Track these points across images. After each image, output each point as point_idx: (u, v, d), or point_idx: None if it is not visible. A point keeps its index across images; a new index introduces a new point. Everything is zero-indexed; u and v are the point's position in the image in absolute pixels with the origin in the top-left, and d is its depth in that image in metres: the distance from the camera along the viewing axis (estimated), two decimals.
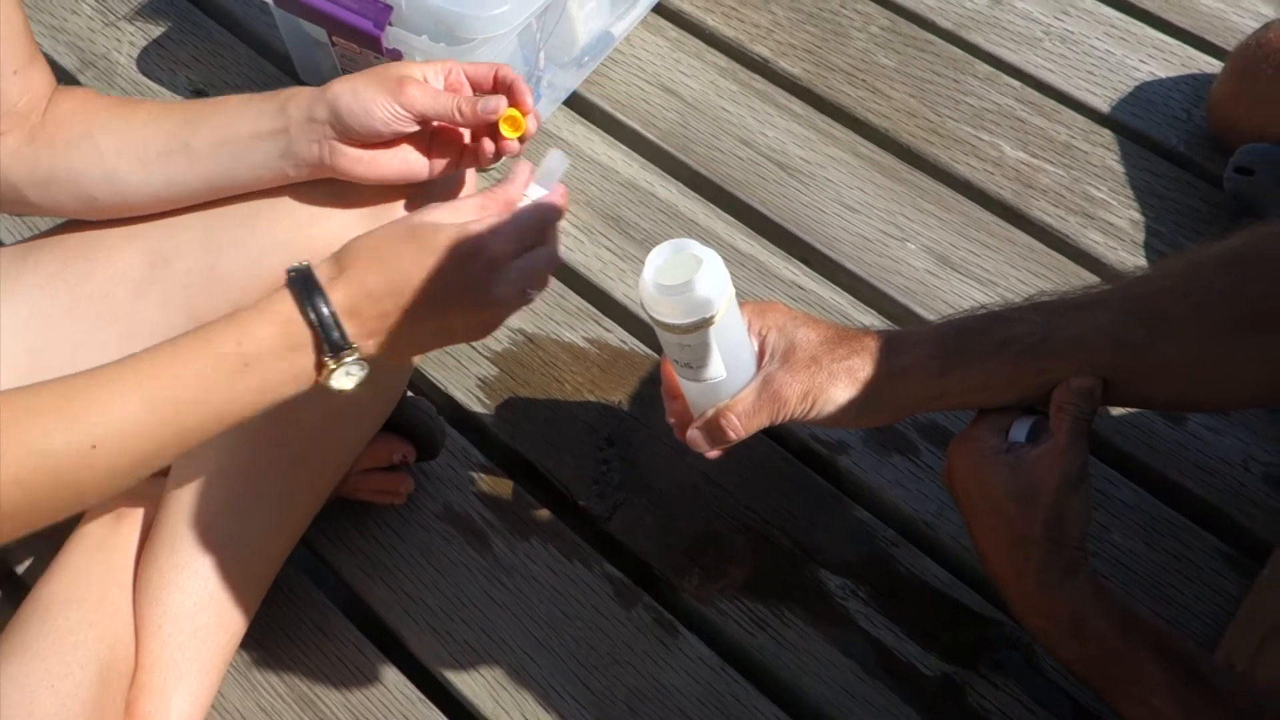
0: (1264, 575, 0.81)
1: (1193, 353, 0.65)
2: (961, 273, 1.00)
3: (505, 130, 0.71)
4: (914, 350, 0.67)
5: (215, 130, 0.71)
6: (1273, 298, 0.64)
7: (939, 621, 0.82)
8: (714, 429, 0.67)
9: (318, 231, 0.73)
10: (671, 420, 0.71)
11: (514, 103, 0.71)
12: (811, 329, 0.68)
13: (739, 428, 0.66)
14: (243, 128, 0.71)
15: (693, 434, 0.68)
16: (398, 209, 0.74)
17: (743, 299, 0.68)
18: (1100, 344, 0.65)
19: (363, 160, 0.70)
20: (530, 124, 0.72)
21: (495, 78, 0.72)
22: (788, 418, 0.67)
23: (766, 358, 0.67)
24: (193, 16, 1.20)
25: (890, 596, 0.83)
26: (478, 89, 0.73)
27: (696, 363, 0.62)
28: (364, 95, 0.68)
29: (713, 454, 0.69)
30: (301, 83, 1.12)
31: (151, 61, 1.15)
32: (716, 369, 0.63)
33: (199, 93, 1.13)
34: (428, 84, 0.70)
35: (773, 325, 0.68)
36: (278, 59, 1.15)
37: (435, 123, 0.72)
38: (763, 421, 0.67)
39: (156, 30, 1.18)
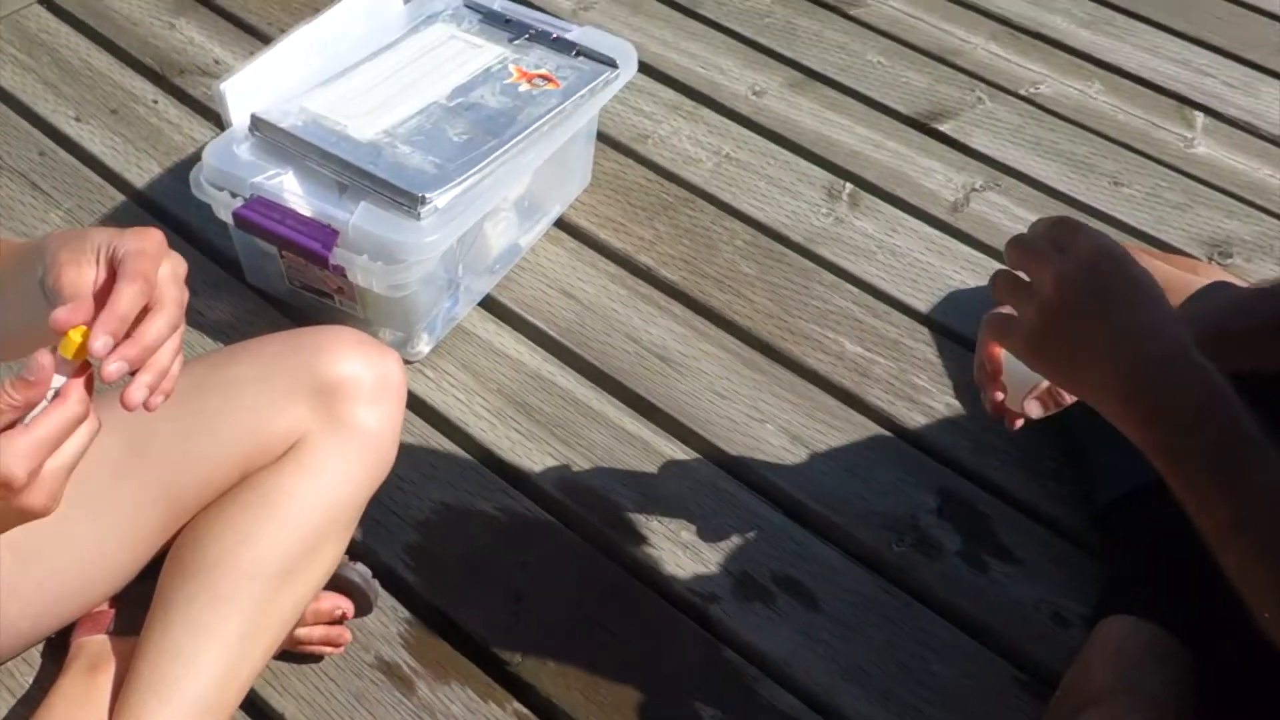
0: (1056, 696, 1.00)
1: None
2: (810, 449, 1.20)
3: (61, 348, 0.60)
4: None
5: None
6: None
7: None
8: (1053, 396, 0.80)
9: (281, 420, 0.89)
10: (994, 398, 0.82)
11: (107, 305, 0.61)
12: None
13: (1066, 399, 0.80)
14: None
15: (1029, 404, 0.80)
16: None
17: (633, 475, 0.86)
18: None
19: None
20: (93, 345, 0.60)
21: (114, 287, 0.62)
22: None
23: None
24: (151, 224, 1.37)
25: None
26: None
27: None
28: (44, 267, 0.65)
29: (1036, 414, 0.81)
30: (250, 286, 1.29)
31: None
32: None
33: None
34: (78, 267, 0.64)
35: None
36: (226, 263, 1.33)
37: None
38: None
39: None
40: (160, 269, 0.65)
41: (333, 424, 0.90)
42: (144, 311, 0.63)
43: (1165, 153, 1.58)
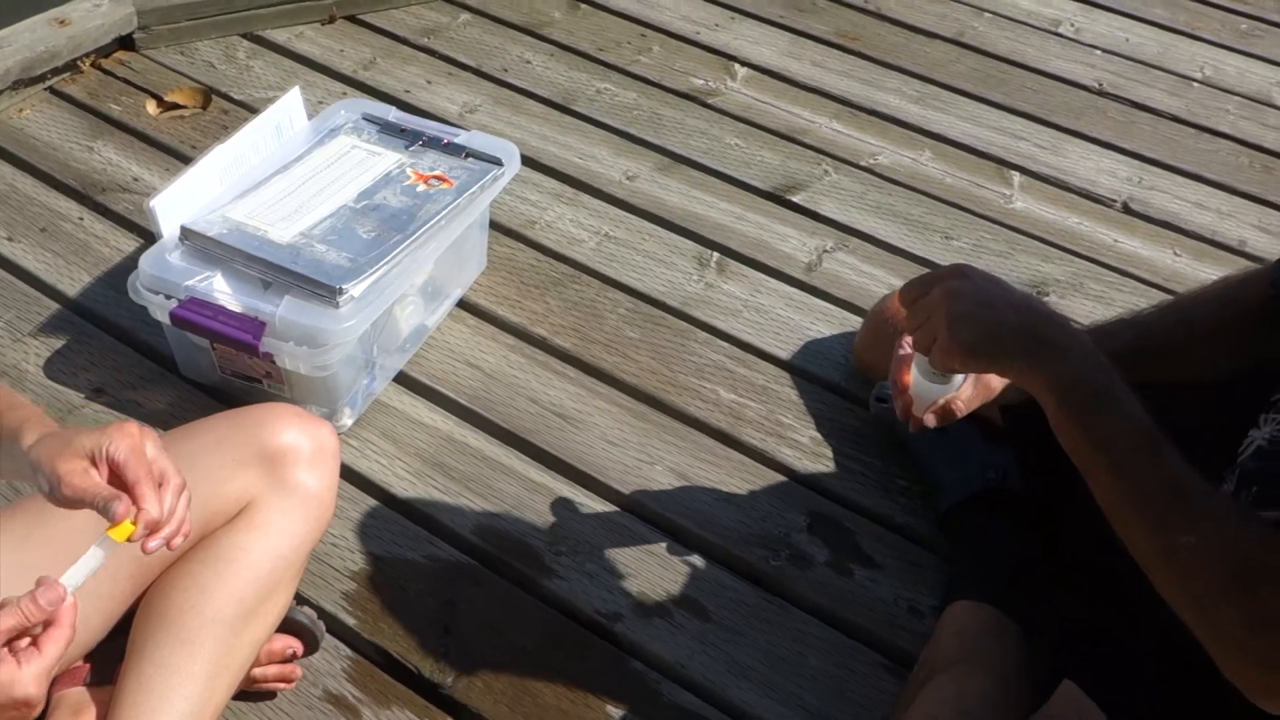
0: (912, 672, 1.18)
1: None
2: (695, 484, 1.38)
3: (112, 534, 0.81)
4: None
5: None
6: None
7: None
8: (947, 413, 1.01)
9: (233, 486, 1.04)
10: (907, 411, 1.04)
11: (134, 501, 0.82)
12: None
13: (963, 409, 1.01)
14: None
15: (928, 417, 1.02)
16: None
17: (541, 518, 1.02)
18: None
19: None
20: (138, 531, 0.81)
21: (123, 476, 0.83)
22: (987, 400, 1.02)
23: None
24: (87, 330, 1.50)
25: (658, 719, 1.16)
26: (119, 477, 0.84)
27: (945, 380, 0.99)
28: (42, 477, 0.84)
29: (933, 425, 1.02)
30: (184, 378, 1.43)
31: (55, 368, 1.44)
32: (957, 378, 0.99)
33: (98, 390, 1.42)
34: (86, 473, 0.82)
35: None
36: (161, 359, 1.46)
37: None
38: (975, 405, 1.02)
39: (57, 343, 1.47)
40: (148, 451, 0.85)
41: (278, 487, 1.04)
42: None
43: (988, 209, 1.83)
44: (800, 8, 2.26)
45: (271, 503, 1.04)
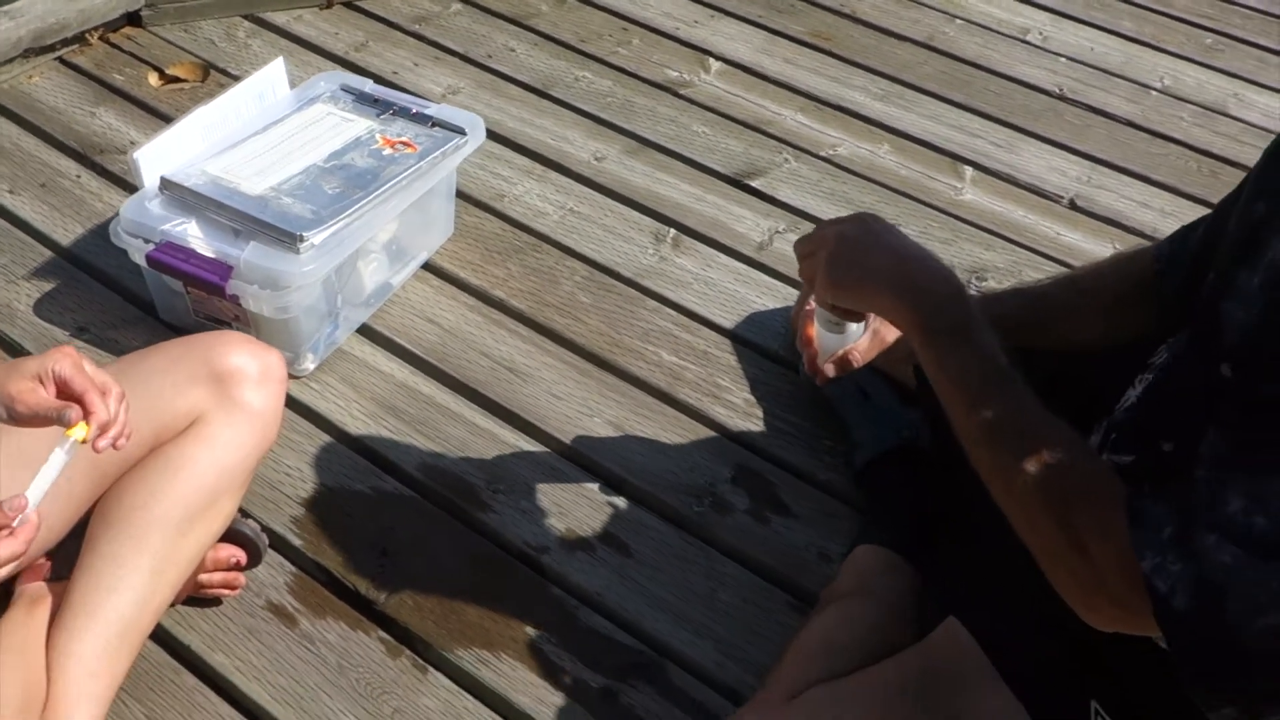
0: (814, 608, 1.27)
1: None
2: (631, 436, 1.47)
3: (69, 433, 0.92)
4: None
5: None
6: None
7: (604, 653, 1.24)
8: (844, 362, 1.08)
9: (183, 402, 1.13)
10: (810, 362, 1.11)
11: (84, 408, 0.93)
12: None
13: (859, 359, 1.08)
14: None
15: (828, 366, 1.09)
16: None
17: (483, 460, 1.12)
18: None
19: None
20: (91, 431, 0.92)
21: (69, 389, 0.94)
22: (884, 351, 1.09)
23: (871, 317, 1.07)
24: (75, 275, 1.61)
25: (573, 640, 1.25)
26: (66, 391, 0.94)
27: (840, 329, 1.05)
28: None
29: (832, 374, 1.09)
30: (162, 321, 1.54)
31: (45, 308, 1.55)
32: (853, 328, 1.06)
33: (82, 329, 1.53)
34: (35, 391, 0.93)
35: None
36: (142, 304, 1.57)
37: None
38: (871, 355, 1.09)
39: (47, 286, 1.58)
40: (87, 368, 0.96)
41: (225, 404, 1.14)
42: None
43: (937, 199, 1.91)
44: (778, 8, 2.36)
45: (218, 418, 1.14)
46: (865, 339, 1.13)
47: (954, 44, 2.31)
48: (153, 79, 2.00)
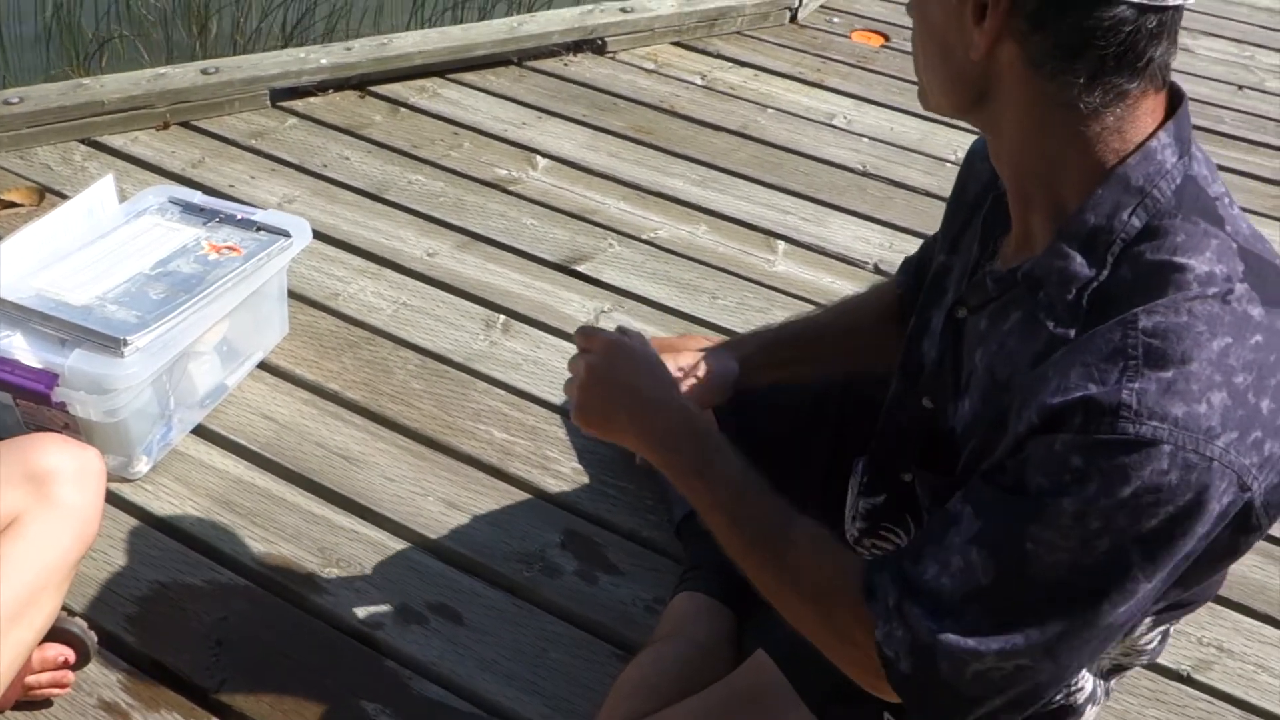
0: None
1: None
2: (463, 511, 1.54)
3: None
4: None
5: None
6: None
7: (438, 719, 1.28)
8: None
9: (2, 504, 1.17)
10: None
11: None
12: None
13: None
14: None
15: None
16: None
17: (317, 545, 1.17)
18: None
19: None
20: None
21: None
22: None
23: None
24: None
25: (407, 710, 1.29)
26: None
27: None
28: None
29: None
30: None
31: None
32: None
33: None
34: None
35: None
36: None
37: None
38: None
39: None
40: None
41: (42, 502, 1.17)
42: None
43: (753, 272, 2.05)
44: (601, 107, 2.51)
45: (37, 516, 1.17)
46: None
47: (766, 131, 2.49)
48: None
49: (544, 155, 2.32)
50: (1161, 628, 1.03)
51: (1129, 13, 0.76)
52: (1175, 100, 0.83)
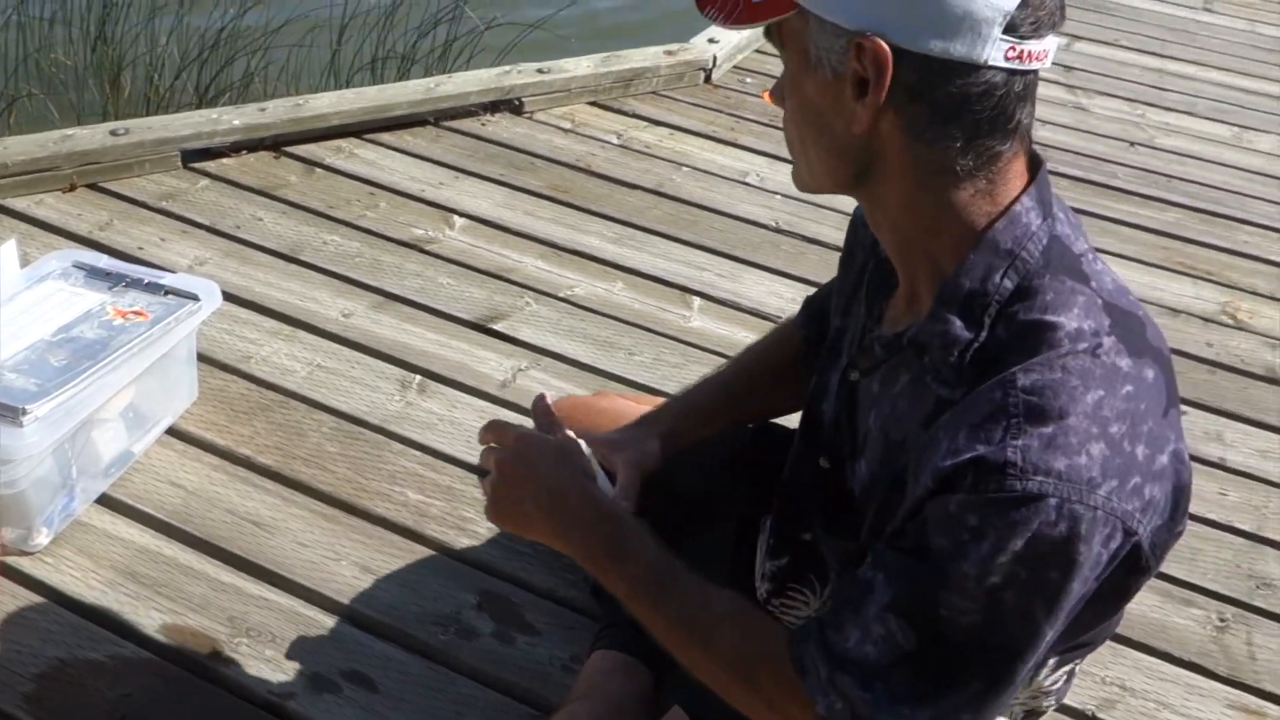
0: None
1: None
2: (377, 575, 1.52)
3: None
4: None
5: None
6: None
7: None
8: None
9: None
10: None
11: None
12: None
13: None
14: None
15: None
16: None
17: (226, 614, 1.14)
18: None
19: None
20: None
21: None
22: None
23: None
24: None
25: None
26: None
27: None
28: None
29: None
30: None
31: None
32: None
33: None
34: None
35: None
36: None
37: None
38: None
39: None
40: None
41: None
42: None
43: (668, 328, 2.07)
44: (518, 166, 2.53)
45: None
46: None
47: (681, 189, 2.53)
48: None
49: (461, 215, 2.33)
50: (1066, 668, 1.06)
51: (999, 77, 0.80)
52: (1035, 165, 0.87)
